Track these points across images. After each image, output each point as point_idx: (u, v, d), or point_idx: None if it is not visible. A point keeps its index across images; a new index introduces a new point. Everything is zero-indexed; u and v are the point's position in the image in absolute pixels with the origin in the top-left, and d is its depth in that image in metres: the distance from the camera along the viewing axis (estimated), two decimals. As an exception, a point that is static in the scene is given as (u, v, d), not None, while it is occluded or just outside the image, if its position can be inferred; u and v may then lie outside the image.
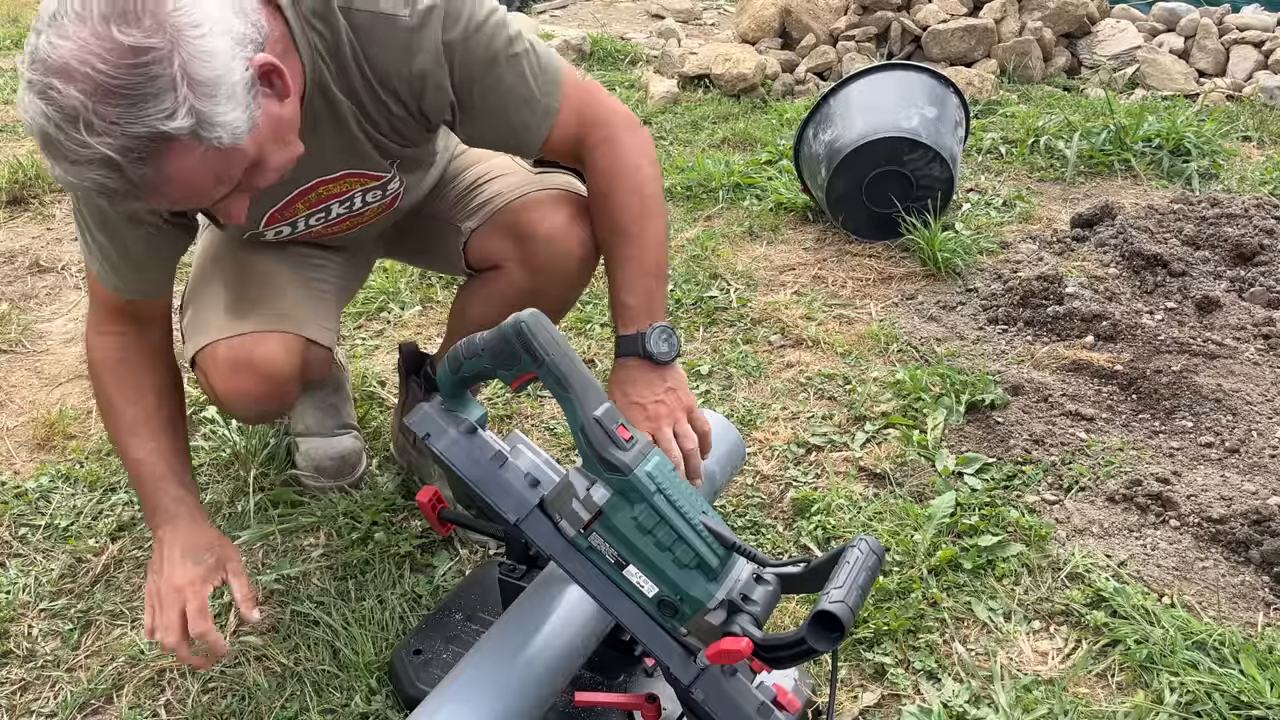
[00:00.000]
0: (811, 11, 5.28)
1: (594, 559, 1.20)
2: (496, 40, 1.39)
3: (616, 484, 1.15)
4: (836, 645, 1.07)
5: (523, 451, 1.30)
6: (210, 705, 1.55)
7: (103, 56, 1.03)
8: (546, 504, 1.22)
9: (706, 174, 3.66)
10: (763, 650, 1.13)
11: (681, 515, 1.15)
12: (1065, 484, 2.02)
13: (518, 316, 1.19)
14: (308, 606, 1.72)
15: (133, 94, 1.04)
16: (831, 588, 1.07)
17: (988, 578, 1.78)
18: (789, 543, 1.88)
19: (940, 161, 3.03)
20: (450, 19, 1.35)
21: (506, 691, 1.22)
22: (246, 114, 1.13)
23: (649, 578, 1.17)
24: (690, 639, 1.20)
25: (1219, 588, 1.75)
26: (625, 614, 1.21)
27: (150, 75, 1.04)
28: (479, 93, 1.41)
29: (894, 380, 2.37)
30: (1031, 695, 1.53)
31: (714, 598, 1.16)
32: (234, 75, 1.11)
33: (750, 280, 2.95)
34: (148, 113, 1.05)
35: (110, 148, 1.05)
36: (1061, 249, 3.05)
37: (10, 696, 1.58)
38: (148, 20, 1.04)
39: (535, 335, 1.17)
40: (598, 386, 1.18)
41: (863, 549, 1.12)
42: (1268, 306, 2.71)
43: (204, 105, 1.08)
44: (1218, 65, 4.91)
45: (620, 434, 1.15)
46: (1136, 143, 3.80)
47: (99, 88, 1.03)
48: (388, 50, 1.35)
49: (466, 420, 1.29)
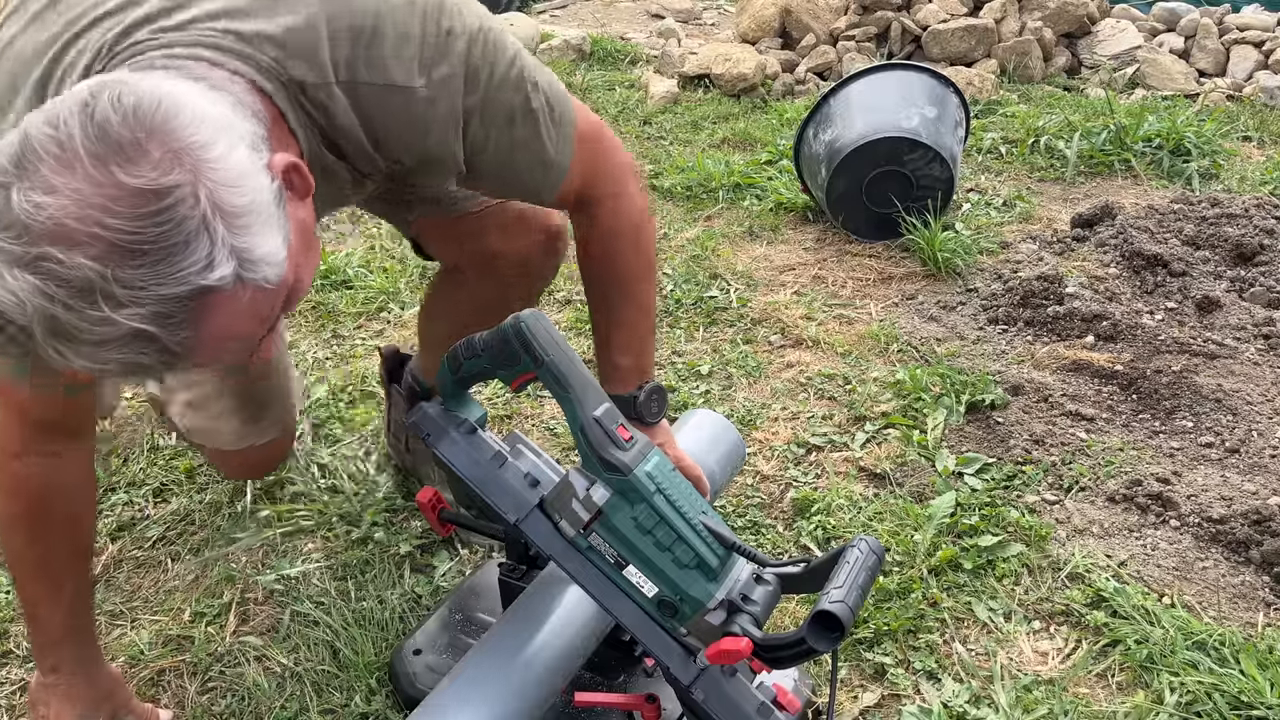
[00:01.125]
0: (811, 11, 5.28)
1: (594, 559, 1.20)
2: (516, 98, 1.23)
3: (616, 484, 1.15)
4: (837, 645, 1.07)
5: (523, 452, 1.30)
6: (210, 705, 1.55)
7: (110, 209, 0.81)
8: (546, 504, 1.22)
9: (706, 174, 3.66)
10: (763, 650, 1.13)
11: (681, 515, 1.15)
12: (1065, 484, 2.02)
13: (518, 316, 1.19)
14: (307, 607, 1.72)
15: (159, 249, 0.83)
16: (831, 588, 1.07)
17: (988, 578, 1.78)
18: (789, 543, 1.88)
19: (940, 161, 3.03)
20: (470, 82, 1.17)
21: (506, 692, 1.22)
22: (282, 234, 0.92)
23: (649, 578, 1.17)
24: (690, 639, 1.20)
25: (1219, 588, 1.74)
26: (625, 614, 1.21)
27: (176, 221, 0.83)
28: (491, 152, 1.26)
29: (894, 380, 2.37)
30: (1032, 695, 1.53)
31: (714, 598, 1.16)
32: (263, 194, 0.90)
33: (750, 280, 2.95)
34: (181, 268, 0.84)
35: (141, 319, 0.83)
36: (1062, 249, 3.05)
37: (10, 696, 1.58)
38: (155, 151, 0.83)
39: (535, 335, 1.17)
40: (597, 387, 1.18)
41: (863, 549, 1.12)
42: (1268, 306, 2.71)
43: (242, 241, 0.87)
44: (1218, 65, 4.91)
45: (620, 434, 1.15)
46: (1137, 143, 3.80)
47: (114, 249, 0.81)
48: (398, 125, 1.16)
49: (466, 421, 1.29)
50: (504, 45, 1.21)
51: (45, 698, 1.44)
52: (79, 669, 1.43)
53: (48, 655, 1.43)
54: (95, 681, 1.45)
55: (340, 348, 2.58)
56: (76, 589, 1.41)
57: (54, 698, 1.43)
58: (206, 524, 1.93)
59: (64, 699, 1.42)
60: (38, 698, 1.45)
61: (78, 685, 1.43)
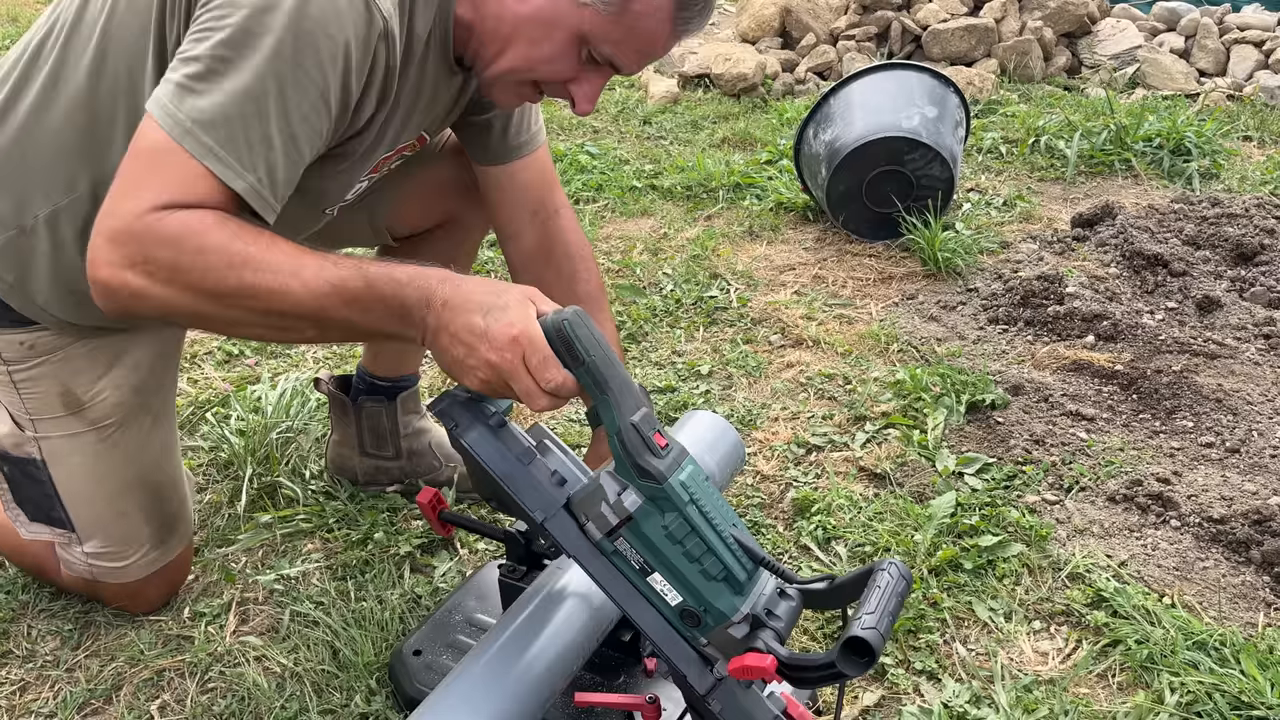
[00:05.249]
0: (812, 11, 5.28)
1: (618, 563, 1.17)
2: None
3: (649, 491, 1.12)
4: (866, 671, 1.06)
5: (550, 448, 1.25)
6: (209, 705, 1.55)
7: None
8: (573, 504, 1.19)
9: (706, 174, 3.65)
10: (788, 669, 1.11)
11: (713, 527, 1.13)
12: (1066, 484, 2.02)
13: (560, 313, 1.13)
14: (307, 607, 1.72)
15: None
16: (863, 613, 1.05)
17: (988, 578, 1.78)
18: (789, 543, 1.88)
19: (941, 161, 3.03)
20: None
21: (506, 692, 1.21)
22: None
23: (673, 586, 1.15)
24: (710, 649, 1.18)
25: (1220, 588, 1.74)
26: (645, 620, 1.18)
27: None
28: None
29: (894, 380, 2.37)
30: (1032, 695, 1.53)
31: (739, 611, 1.14)
32: None
33: (750, 280, 2.94)
34: None
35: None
36: (1062, 249, 3.05)
37: (10, 697, 1.58)
38: None
39: (578, 334, 1.11)
40: (636, 391, 1.14)
41: (893, 573, 1.09)
42: (1268, 306, 2.71)
43: None
44: (1218, 65, 4.91)
45: (656, 441, 1.12)
46: (1137, 142, 3.80)
47: None
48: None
49: (496, 413, 1.24)
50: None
51: (459, 329, 1.12)
52: (450, 278, 1.15)
53: (419, 296, 1.14)
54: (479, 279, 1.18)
55: (340, 348, 2.58)
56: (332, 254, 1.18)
57: (456, 316, 1.12)
58: (206, 524, 1.93)
59: (460, 307, 1.12)
60: (459, 343, 1.12)
61: (466, 285, 1.14)
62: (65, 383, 1.50)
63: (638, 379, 2.40)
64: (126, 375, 1.54)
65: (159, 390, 1.60)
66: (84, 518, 1.58)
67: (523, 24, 1.27)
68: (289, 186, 1.20)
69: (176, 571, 1.71)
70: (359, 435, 1.98)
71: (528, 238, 1.66)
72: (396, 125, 1.38)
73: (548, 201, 1.66)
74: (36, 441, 1.53)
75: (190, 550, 1.74)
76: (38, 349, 1.48)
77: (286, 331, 1.20)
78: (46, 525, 1.60)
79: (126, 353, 1.53)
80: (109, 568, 1.62)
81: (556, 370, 1.10)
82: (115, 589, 1.65)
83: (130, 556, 1.62)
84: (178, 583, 1.74)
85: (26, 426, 1.53)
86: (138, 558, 1.62)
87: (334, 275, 1.14)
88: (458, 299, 1.13)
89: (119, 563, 1.62)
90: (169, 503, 1.64)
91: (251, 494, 1.98)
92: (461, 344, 1.12)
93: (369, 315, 1.15)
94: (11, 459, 1.57)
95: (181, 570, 1.72)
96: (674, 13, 1.26)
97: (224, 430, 2.15)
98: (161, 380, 1.60)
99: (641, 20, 1.25)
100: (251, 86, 1.12)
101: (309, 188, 1.31)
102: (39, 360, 1.49)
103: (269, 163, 1.15)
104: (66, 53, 1.32)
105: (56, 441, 1.53)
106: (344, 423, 1.99)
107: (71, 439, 1.53)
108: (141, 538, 1.62)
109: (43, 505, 1.59)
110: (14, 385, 1.50)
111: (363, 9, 1.16)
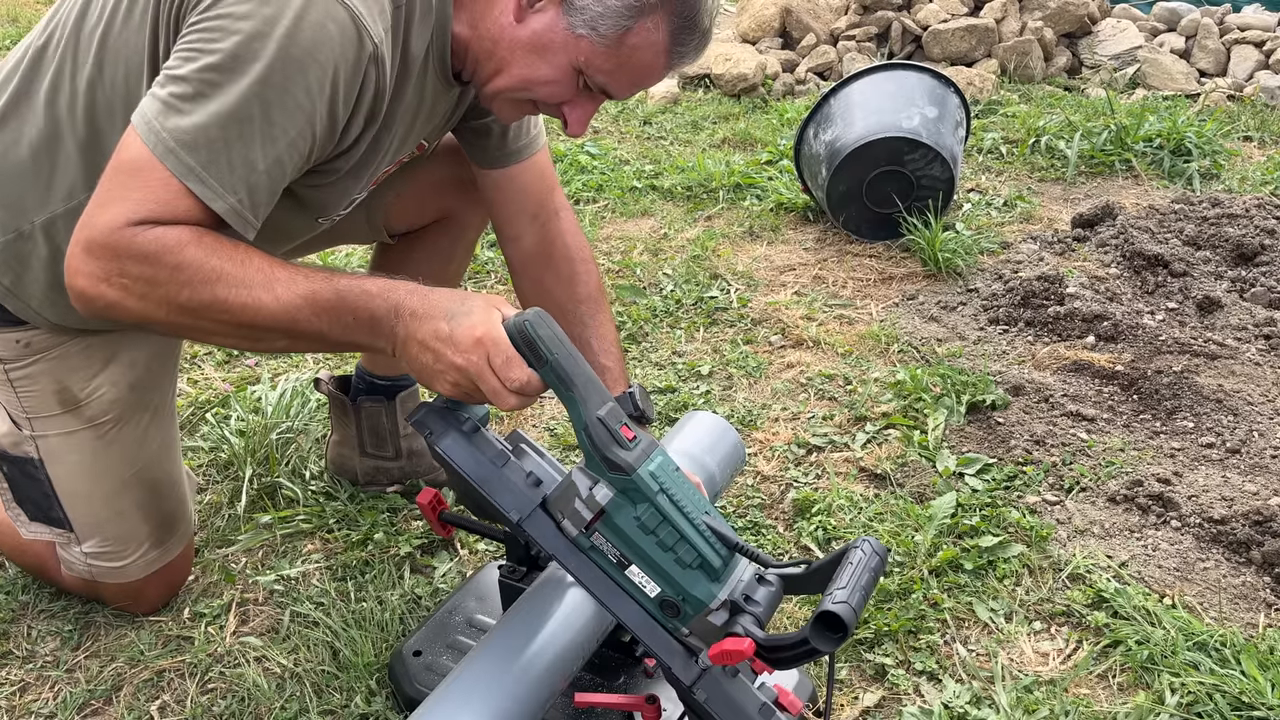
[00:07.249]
0: (812, 11, 5.28)
1: (596, 559, 1.20)
2: None
3: (619, 483, 1.14)
4: (839, 646, 1.07)
5: (525, 451, 1.29)
6: (209, 706, 1.55)
7: None
8: (549, 503, 1.22)
9: (707, 174, 3.65)
10: (765, 651, 1.13)
11: (684, 515, 1.15)
12: (1066, 484, 2.02)
13: (522, 315, 1.17)
14: (307, 607, 1.72)
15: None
16: (835, 588, 1.07)
17: (989, 578, 1.78)
18: (789, 543, 1.88)
19: (941, 161, 3.03)
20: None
21: (506, 693, 1.21)
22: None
23: (651, 578, 1.17)
24: (692, 639, 1.20)
25: (1220, 588, 1.74)
26: (627, 614, 1.20)
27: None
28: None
29: (894, 380, 2.37)
30: (1032, 696, 1.53)
31: (716, 598, 1.15)
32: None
33: (750, 280, 2.94)
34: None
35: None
36: (1062, 249, 3.05)
37: (10, 697, 1.58)
38: None
39: (539, 334, 1.15)
40: (601, 386, 1.17)
41: (865, 550, 1.12)
42: (1269, 307, 2.70)
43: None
44: (1218, 65, 4.91)
45: (624, 433, 1.15)
46: (1137, 143, 3.80)
47: None
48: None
49: (469, 419, 1.27)
50: None
51: (426, 336, 1.15)
52: (417, 290, 1.19)
53: (388, 309, 1.17)
54: (442, 289, 1.22)
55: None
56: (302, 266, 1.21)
57: (422, 323, 1.16)
58: (206, 525, 1.93)
59: (424, 318, 1.16)
60: (427, 349, 1.16)
61: (430, 297, 1.18)
62: (61, 380, 1.50)
63: (638, 379, 2.40)
64: (123, 372, 1.54)
65: (157, 388, 1.60)
66: (81, 517, 1.58)
67: (519, 48, 1.29)
68: (270, 205, 1.22)
69: (176, 571, 1.71)
70: (359, 435, 1.98)
71: (528, 240, 1.66)
72: (393, 141, 1.39)
73: (547, 203, 1.66)
74: (34, 440, 1.53)
75: (190, 550, 1.74)
76: (34, 347, 1.48)
77: (259, 342, 1.23)
78: (46, 525, 1.61)
79: (123, 350, 1.53)
80: (108, 567, 1.62)
81: (520, 369, 1.14)
82: (115, 589, 1.65)
83: (129, 556, 1.62)
84: (178, 583, 1.74)
85: (24, 425, 1.53)
86: (136, 557, 1.62)
87: (305, 288, 1.17)
88: (424, 308, 1.17)
89: (118, 562, 1.62)
90: (167, 501, 1.64)
91: (251, 494, 1.98)
92: (429, 350, 1.16)
93: (339, 327, 1.18)
94: (10, 458, 1.57)
95: (181, 570, 1.72)
96: (669, 47, 1.28)
97: (224, 430, 2.15)
98: (159, 377, 1.60)
99: (636, 53, 1.27)
100: (238, 110, 1.14)
101: (306, 199, 1.34)
102: (35, 358, 1.49)
103: (250, 184, 1.17)
104: (65, 62, 1.33)
105: (53, 440, 1.53)
106: (344, 423, 1.99)
107: (68, 437, 1.53)
108: (140, 537, 1.61)
109: (41, 505, 1.59)
110: (10, 383, 1.50)
111: (354, 35, 1.17)
